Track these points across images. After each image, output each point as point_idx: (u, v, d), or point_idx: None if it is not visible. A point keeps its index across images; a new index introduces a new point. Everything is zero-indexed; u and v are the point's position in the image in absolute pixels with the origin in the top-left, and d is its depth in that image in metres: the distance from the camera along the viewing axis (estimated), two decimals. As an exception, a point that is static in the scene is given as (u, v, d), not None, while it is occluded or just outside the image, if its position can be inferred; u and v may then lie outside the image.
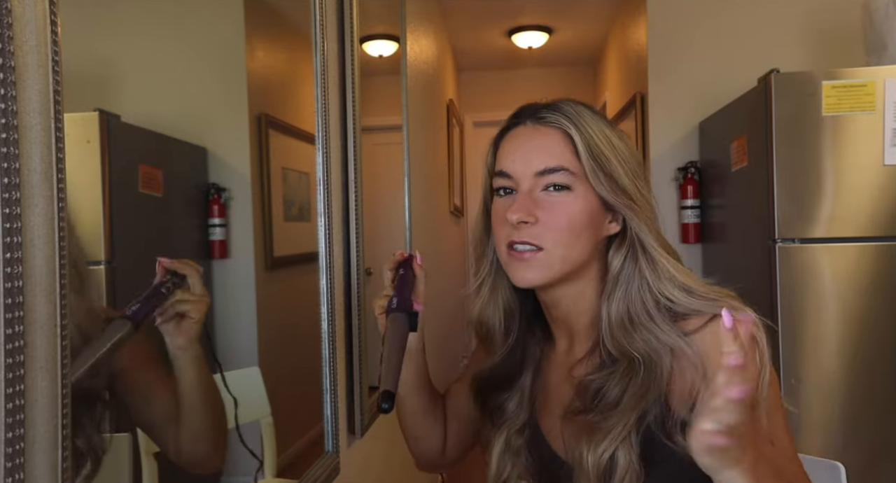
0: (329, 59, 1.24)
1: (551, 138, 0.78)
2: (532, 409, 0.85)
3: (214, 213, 0.85)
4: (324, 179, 1.16)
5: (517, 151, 0.81)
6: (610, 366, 0.75)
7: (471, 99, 4.76)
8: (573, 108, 0.80)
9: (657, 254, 0.77)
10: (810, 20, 2.62)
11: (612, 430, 0.71)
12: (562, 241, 0.76)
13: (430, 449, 0.97)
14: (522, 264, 0.77)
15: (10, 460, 0.43)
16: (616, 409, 0.72)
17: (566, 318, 0.83)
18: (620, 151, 0.78)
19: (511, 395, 0.85)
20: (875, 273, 1.82)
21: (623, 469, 0.70)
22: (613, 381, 0.74)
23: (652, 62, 2.73)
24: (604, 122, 0.79)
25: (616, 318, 0.76)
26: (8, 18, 0.44)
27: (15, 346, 0.43)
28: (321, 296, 1.16)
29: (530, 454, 0.83)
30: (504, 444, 0.84)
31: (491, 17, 3.59)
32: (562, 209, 0.76)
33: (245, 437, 0.96)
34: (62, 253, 0.48)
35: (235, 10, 0.96)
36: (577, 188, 0.77)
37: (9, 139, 0.43)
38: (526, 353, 0.87)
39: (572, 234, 0.76)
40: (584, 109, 0.80)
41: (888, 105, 1.79)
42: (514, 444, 0.83)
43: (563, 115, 0.78)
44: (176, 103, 0.79)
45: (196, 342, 0.72)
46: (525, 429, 0.84)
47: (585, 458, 0.71)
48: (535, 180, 0.78)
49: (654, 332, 0.73)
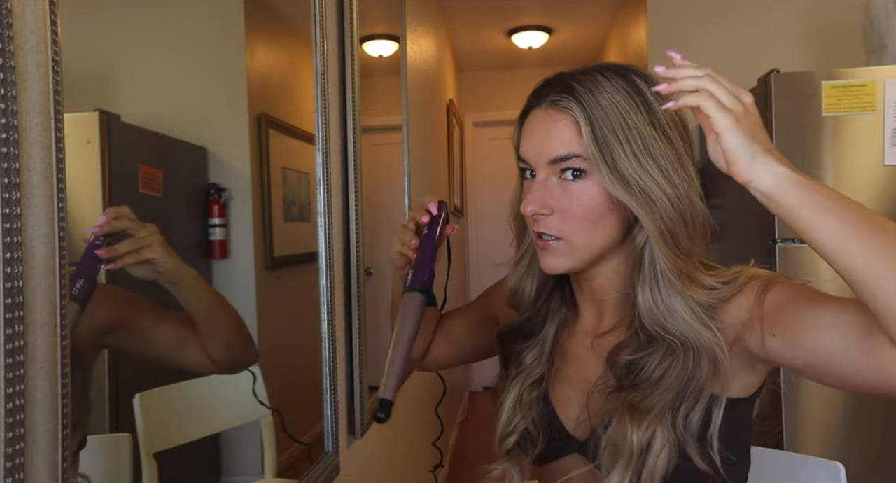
0: (329, 59, 1.24)
1: (563, 124, 0.74)
2: (548, 368, 0.85)
3: (214, 213, 0.85)
4: (324, 179, 1.16)
5: (532, 137, 0.77)
6: (647, 346, 0.75)
7: (471, 99, 4.76)
8: (591, 85, 0.73)
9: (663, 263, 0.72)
10: (810, 20, 2.62)
11: (652, 409, 0.71)
12: (581, 229, 0.74)
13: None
14: (547, 252, 0.76)
15: (10, 460, 0.43)
16: (657, 389, 0.72)
17: (598, 292, 0.82)
18: (635, 133, 0.71)
19: (531, 346, 0.86)
20: (875, 273, 1.82)
21: (658, 448, 0.71)
22: (655, 361, 0.73)
23: (652, 62, 2.73)
24: (628, 95, 0.73)
25: (646, 305, 0.74)
26: (8, 18, 0.44)
27: (15, 346, 0.43)
28: (321, 296, 1.16)
29: (540, 411, 0.84)
30: (517, 396, 0.85)
31: (491, 17, 3.59)
32: (578, 198, 0.73)
33: (245, 437, 0.96)
34: (62, 253, 0.48)
35: (235, 10, 0.96)
36: (594, 173, 0.72)
37: (9, 139, 0.43)
38: (550, 311, 0.87)
39: (590, 221, 0.74)
40: (605, 83, 0.73)
41: (888, 105, 1.79)
42: (527, 398, 0.84)
43: (575, 97, 0.73)
44: (176, 103, 0.79)
45: (182, 272, 0.72)
46: (540, 383, 0.84)
47: (630, 437, 0.71)
48: (550, 167, 0.75)
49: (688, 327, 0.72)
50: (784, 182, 0.60)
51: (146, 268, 0.68)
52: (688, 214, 0.73)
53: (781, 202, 0.61)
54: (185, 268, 0.72)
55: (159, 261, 0.69)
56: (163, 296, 0.72)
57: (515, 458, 0.86)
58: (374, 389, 1.53)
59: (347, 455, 1.31)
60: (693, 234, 0.73)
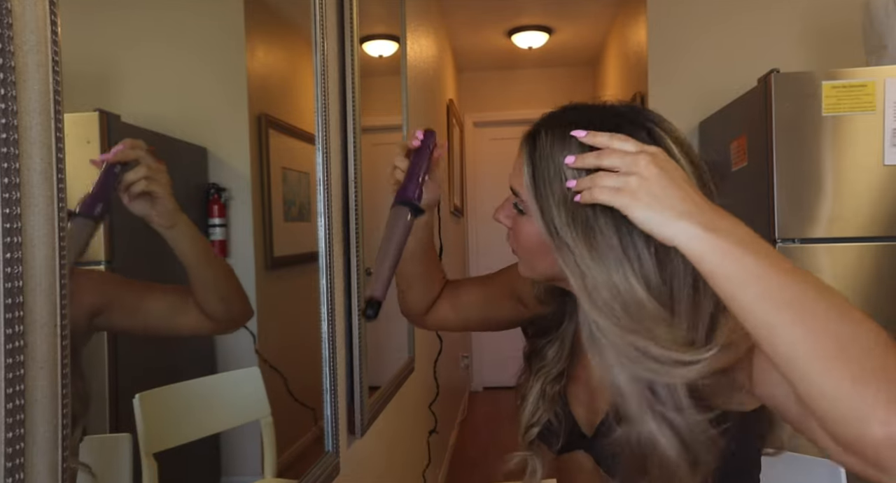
0: (329, 59, 1.24)
1: (520, 161, 0.74)
2: (568, 364, 0.86)
3: (214, 213, 0.85)
4: (324, 179, 1.16)
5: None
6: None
7: (471, 99, 4.76)
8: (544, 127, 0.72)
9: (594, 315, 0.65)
10: (810, 20, 2.62)
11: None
12: (524, 254, 0.78)
13: (412, 306, 1.04)
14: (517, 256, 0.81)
15: (10, 460, 0.43)
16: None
17: None
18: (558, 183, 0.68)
19: (553, 341, 0.87)
20: (875, 273, 1.82)
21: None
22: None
23: (652, 62, 2.73)
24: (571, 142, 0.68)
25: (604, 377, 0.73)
26: (8, 18, 0.44)
27: (15, 346, 0.43)
28: (321, 296, 1.16)
29: (561, 405, 0.85)
30: (540, 389, 0.86)
31: (491, 17, 3.59)
32: (520, 228, 0.77)
33: (245, 437, 0.96)
34: (62, 253, 0.48)
35: (235, 10, 0.96)
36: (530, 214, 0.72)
37: (9, 139, 0.43)
38: (569, 306, 0.87)
39: (530, 252, 0.76)
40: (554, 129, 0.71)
41: (888, 105, 1.79)
42: (550, 391, 0.85)
43: (533, 140, 0.72)
44: (176, 103, 0.79)
45: (178, 217, 0.73)
46: (560, 378, 0.86)
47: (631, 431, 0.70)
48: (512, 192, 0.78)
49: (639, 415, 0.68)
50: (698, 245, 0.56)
51: (145, 203, 0.69)
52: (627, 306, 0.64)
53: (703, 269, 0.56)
54: (181, 213, 0.73)
55: (162, 197, 0.70)
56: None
57: (538, 449, 0.86)
58: (374, 389, 1.54)
59: (347, 455, 1.31)
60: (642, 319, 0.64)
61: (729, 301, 0.56)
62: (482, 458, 3.43)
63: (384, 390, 1.65)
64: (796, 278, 0.53)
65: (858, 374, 0.48)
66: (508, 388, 4.73)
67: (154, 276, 0.76)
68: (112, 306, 0.67)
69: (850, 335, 0.50)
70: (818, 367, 0.49)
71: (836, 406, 0.48)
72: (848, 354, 0.49)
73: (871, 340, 0.49)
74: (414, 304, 1.04)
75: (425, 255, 1.00)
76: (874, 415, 0.46)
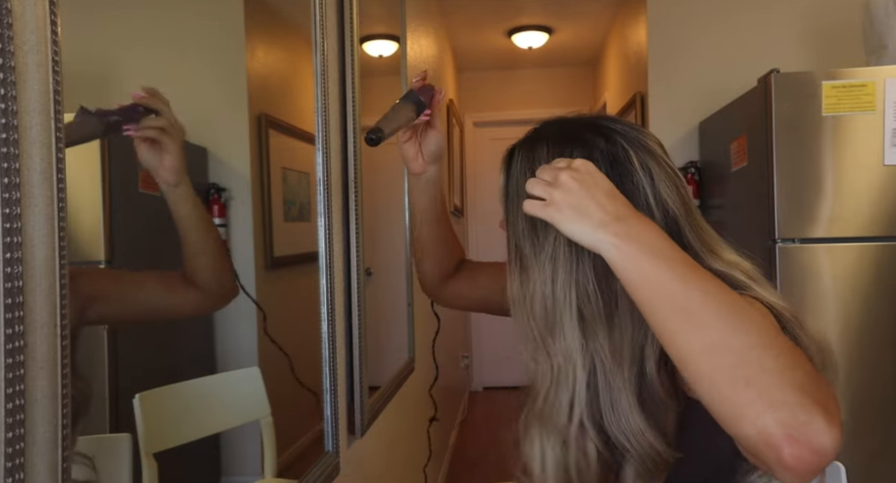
0: (329, 59, 1.24)
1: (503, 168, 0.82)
2: None
3: (214, 213, 0.85)
4: (324, 179, 1.16)
5: None
6: None
7: (471, 99, 4.76)
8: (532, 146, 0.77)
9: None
10: (810, 20, 2.62)
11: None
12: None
13: (428, 275, 1.06)
14: None
15: (10, 460, 0.43)
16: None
17: None
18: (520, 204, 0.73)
19: None
20: (875, 273, 1.82)
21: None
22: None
23: (652, 62, 2.73)
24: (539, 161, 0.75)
25: None
26: (8, 18, 0.44)
27: (15, 346, 0.43)
28: (321, 296, 1.16)
29: None
30: None
31: (491, 17, 3.59)
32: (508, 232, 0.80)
33: (245, 437, 0.96)
34: (62, 253, 0.48)
35: (235, 10, 0.96)
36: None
37: (9, 139, 0.43)
38: None
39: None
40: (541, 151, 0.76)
41: (888, 105, 1.79)
42: None
43: (513, 150, 0.79)
44: (175, 103, 0.79)
45: (184, 177, 0.73)
46: None
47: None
48: None
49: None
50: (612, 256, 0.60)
51: (155, 153, 0.70)
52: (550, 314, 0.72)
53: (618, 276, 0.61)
54: (186, 174, 0.74)
55: (172, 152, 0.71)
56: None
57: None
58: (374, 389, 1.54)
59: (347, 455, 1.31)
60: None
61: (637, 304, 0.60)
62: (482, 458, 3.43)
63: (384, 390, 1.65)
64: (687, 286, 0.57)
65: (731, 376, 0.52)
66: (508, 388, 4.73)
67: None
68: (102, 296, 0.67)
69: (728, 343, 0.53)
70: (700, 372, 0.54)
71: (719, 406, 0.53)
72: (725, 362, 0.52)
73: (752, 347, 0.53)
74: (430, 272, 1.05)
75: (438, 216, 1.00)
76: (746, 415, 0.50)
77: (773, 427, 0.49)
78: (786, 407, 0.49)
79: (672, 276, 0.57)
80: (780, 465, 0.49)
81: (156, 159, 0.70)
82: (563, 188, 0.64)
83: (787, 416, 0.49)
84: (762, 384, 0.50)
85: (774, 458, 0.49)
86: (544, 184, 0.66)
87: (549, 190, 0.65)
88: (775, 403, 0.50)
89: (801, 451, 0.48)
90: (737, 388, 0.51)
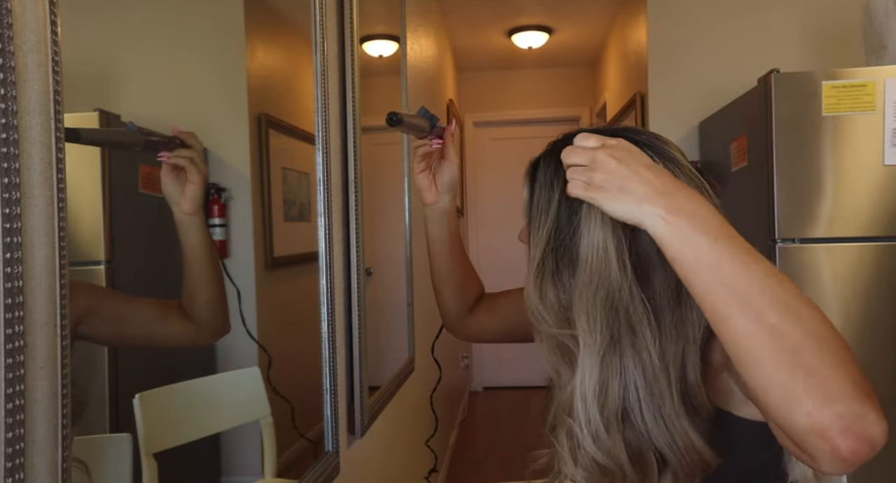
0: (329, 59, 1.24)
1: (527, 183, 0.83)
2: None
3: (214, 213, 0.85)
4: (324, 179, 1.16)
5: None
6: None
7: (471, 99, 4.76)
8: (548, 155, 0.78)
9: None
10: (810, 20, 2.62)
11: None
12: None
13: (448, 308, 1.05)
14: None
15: (10, 460, 0.43)
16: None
17: None
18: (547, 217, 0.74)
19: None
20: (875, 273, 1.82)
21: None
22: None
23: (652, 62, 2.73)
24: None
25: None
26: (8, 18, 0.44)
27: (15, 346, 0.43)
28: (321, 296, 1.16)
29: None
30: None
31: (491, 17, 3.59)
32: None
33: (245, 437, 0.96)
34: (62, 253, 0.48)
35: (235, 10, 0.96)
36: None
37: (9, 139, 0.43)
38: None
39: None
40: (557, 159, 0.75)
41: (888, 105, 1.79)
42: None
43: (535, 166, 0.79)
44: (176, 103, 0.79)
45: (199, 211, 0.78)
46: None
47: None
48: None
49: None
50: (660, 233, 0.59)
51: (179, 182, 0.75)
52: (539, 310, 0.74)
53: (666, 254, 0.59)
54: (202, 207, 0.78)
55: (196, 183, 0.76)
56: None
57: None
58: (374, 389, 1.54)
59: (347, 455, 1.31)
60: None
61: (686, 285, 0.58)
62: (482, 458, 3.43)
63: (384, 390, 1.65)
64: (748, 269, 0.55)
65: (791, 365, 0.51)
66: (508, 389, 4.74)
67: (153, 277, 0.76)
68: (94, 312, 0.67)
69: (788, 330, 0.52)
70: (758, 358, 0.52)
71: (772, 394, 0.52)
72: (784, 344, 0.51)
73: (813, 332, 0.52)
74: (451, 304, 1.04)
75: (453, 248, 1.01)
76: (800, 406, 0.50)
77: (831, 419, 0.49)
78: (844, 400, 0.49)
79: (732, 257, 0.55)
80: (834, 455, 0.49)
81: (178, 189, 0.75)
82: (602, 168, 0.63)
83: (844, 410, 0.49)
84: (822, 375, 0.50)
85: (829, 450, 0.49)
86: (581, 168, 0.65)
87: (587, 172, 0.64)
88: (833, 396, 0.49)
89: (857, 444, 0.48)
90: (795, 377, 0.50)
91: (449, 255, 1.01)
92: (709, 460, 0.67)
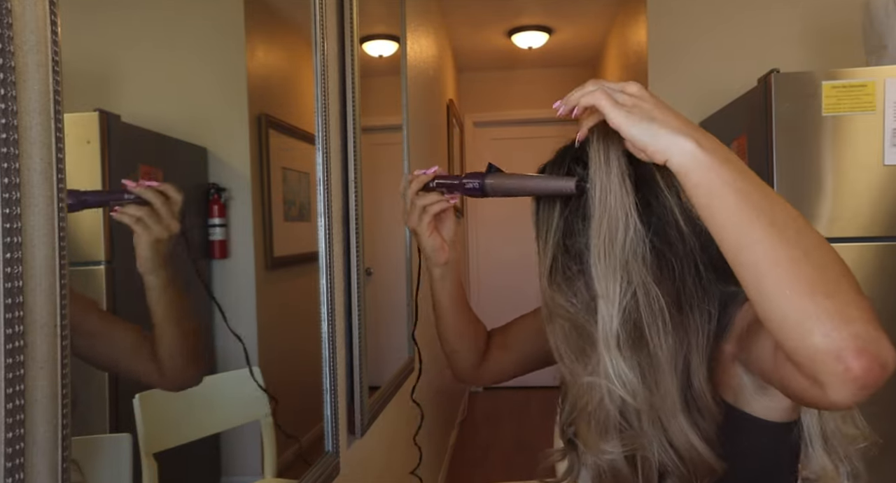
0: (329, 59, 1.24)
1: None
2: None
3: (214, 213, 0.85)
4: (324, 179, 1.16)
5: None
6: None
7: (471, 99, 4.76)
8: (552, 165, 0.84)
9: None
10: (810, 20, 2.62)
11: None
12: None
13: (463, 366, 1.04)
14: None
15: (10, 460, 0.43)
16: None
17: None
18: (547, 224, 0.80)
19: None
20: (875, 273, 1.82)
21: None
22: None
23: (652, 62, 2.73)
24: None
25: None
26: (8, 18, 0.44)
27: (15, 346, 0.43)
28: (321, 296, 1.16)
29: None
30: None
31: (491, 17, 3.59)
32: None
33: (245, 437, 0.96)
34: (62, 253, 0.48)
35: (235, 10, 0.96)
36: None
37: (9, 139, 0.43)
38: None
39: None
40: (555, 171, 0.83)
41: (888, 105, 1.79)
42: None
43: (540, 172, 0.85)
44: (176, 103, 0.79)
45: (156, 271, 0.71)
46: None
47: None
48: None
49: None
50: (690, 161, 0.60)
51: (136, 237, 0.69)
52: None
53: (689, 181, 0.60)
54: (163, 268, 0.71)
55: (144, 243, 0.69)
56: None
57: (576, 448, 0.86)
58: (374, 389, 1.53)
59: (347, 455, 1.31)
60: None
61: (706, 212, 0.59)
62: (482, 458, 3.43)
63: (384, 390, 1.65)
64: (771, 199, 0.57)
65: (811, 288, 0.52)
66: (508, 389, 4.73)
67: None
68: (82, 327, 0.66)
69: (808, 251, 0.54)
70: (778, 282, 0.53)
71: (789, 316, 0.52)
72: (805, 268, 0.53)
73: (828, 259, 0.54)
74: (464, 362, 1.03)
75: (459, 312, 0.99)
76: (820, 326, 0.51)
77: (848, 339, 0.50)
78: (860, 322, 0.50)
79: (756, 188, 0.58)
80: (846, 375, 0.50)
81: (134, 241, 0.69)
82: (634, 94, 0.64)
83: (861, 331, 0.50)
84: (840, 299, 0.51)
85: (841, 370, 0.50)
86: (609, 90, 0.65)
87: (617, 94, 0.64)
88: (851, 318, 0.50)
89: (871, 364, 0.49)
90: (815, 298, 0.51)
91: (457, 319, 0.99)
92: (714, 467, 0.68)
